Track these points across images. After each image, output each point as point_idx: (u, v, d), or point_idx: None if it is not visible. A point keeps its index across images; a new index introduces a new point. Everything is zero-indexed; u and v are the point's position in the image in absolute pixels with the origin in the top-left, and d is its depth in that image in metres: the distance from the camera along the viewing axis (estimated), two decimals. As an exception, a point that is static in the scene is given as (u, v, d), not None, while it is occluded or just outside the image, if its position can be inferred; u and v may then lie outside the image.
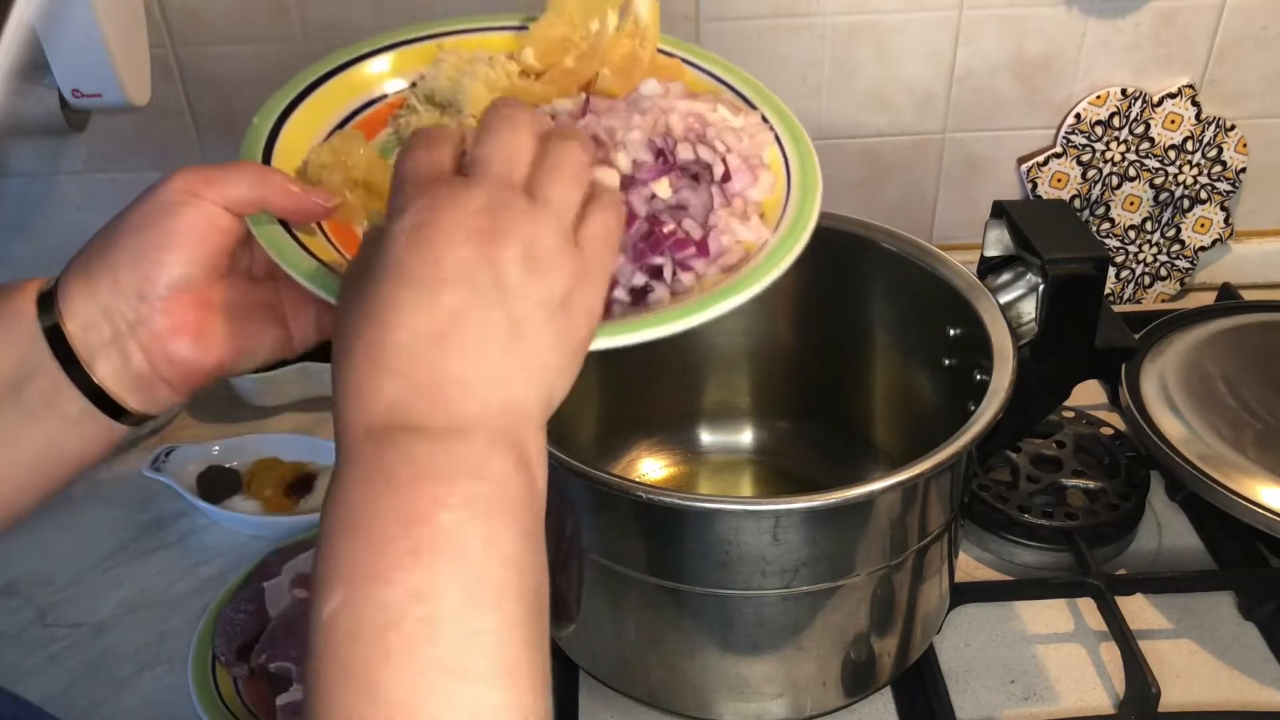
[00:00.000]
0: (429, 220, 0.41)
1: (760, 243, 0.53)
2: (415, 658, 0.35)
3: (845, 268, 0.78)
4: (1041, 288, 0.65)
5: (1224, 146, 1.01)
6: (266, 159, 0.54)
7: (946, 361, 0.73)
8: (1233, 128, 1.01)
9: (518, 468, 0.39)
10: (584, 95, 0.59)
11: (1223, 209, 1.04)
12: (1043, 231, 0.66)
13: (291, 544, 0.78)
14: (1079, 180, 1.02)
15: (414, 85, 0.60)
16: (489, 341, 0.40)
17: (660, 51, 0.62)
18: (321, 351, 0.95)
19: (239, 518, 0.83)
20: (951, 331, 0.71)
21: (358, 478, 0.38)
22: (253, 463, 0.88)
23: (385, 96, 0.60)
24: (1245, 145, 1.01)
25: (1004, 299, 0.68)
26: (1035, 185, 1.02)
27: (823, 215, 0.78)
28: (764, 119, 0.60)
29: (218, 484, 0.86)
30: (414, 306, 0.39)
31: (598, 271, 0.44)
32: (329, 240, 0.52)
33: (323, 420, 0.93)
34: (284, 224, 0.51)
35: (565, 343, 0.42)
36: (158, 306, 0.48)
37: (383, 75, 0.61)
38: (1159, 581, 0.77)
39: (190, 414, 0.95)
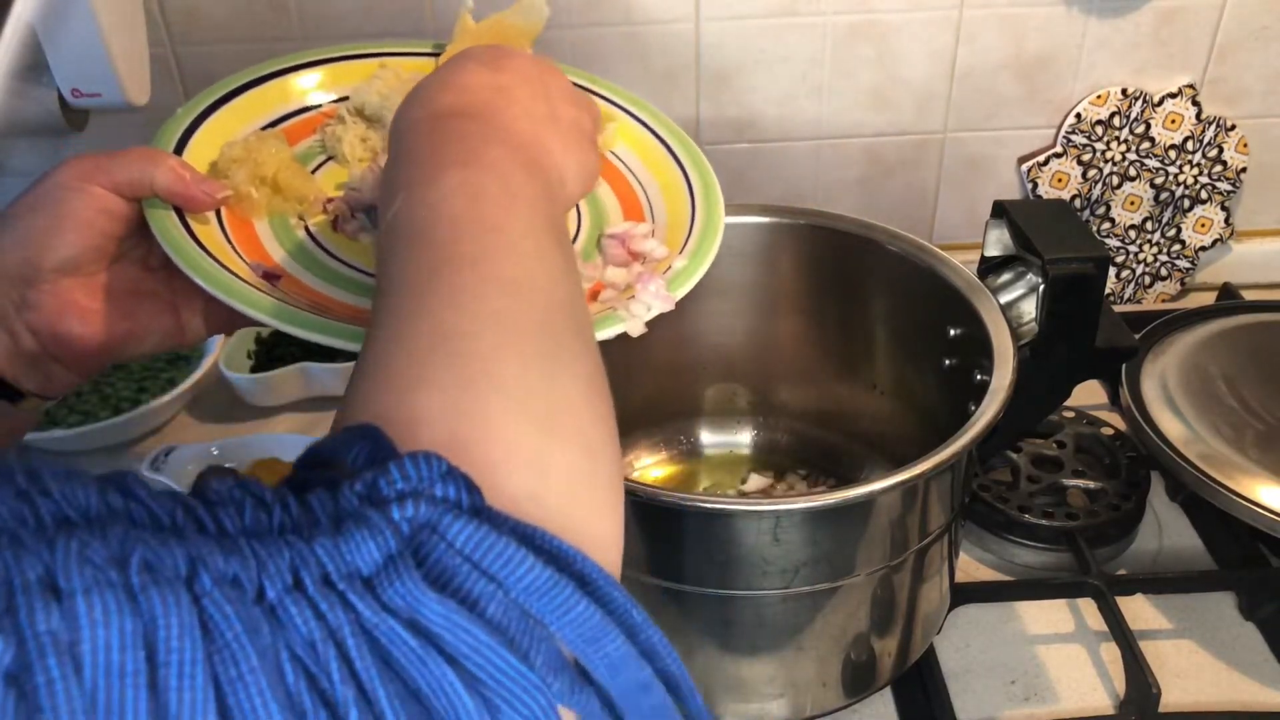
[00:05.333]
0: (496, 51, 0.50)
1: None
2: (470, 220, 0.40)
3: (846, 267, 0.78)
4: (1042, 288, 0.65)
5: (1224, 146, 1.01)
6: (181, 149, 0.56)
7: (947, 361, 0.72)
8: (1233, 127, 1.01)
9: (548, 171, 0.46)
10: None
11: (1223, 209, 1.04)
12: (1043, 231, 0.66)
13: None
14: (1079, 180, 1.02)
15: (346, 99, 0.64)
16: (534, 111, 0.47)
17: None
18: (320, 352, 0.95)
19: (238, 518, 0.83)
20: (952, 331, 0.71)
21: (417, 134, 0.44)
22: (251, 463, 0.87)
23: (318, 106, 0.64)
24: (1246, 145, 1.01)
25: (1004, 299, 0.68)
26: (1036, 185, 1.02)
27: (821, 214, 0.79)
28: (657, 136, 0.67)
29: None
30: (479, 71, 0.48)
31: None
32: (225, 235, 0.54)
33: (321, 420, 0.93)
34: (180, 214, 0.53)
35: (587, 154, 0.50)
36: (44, 288, 0.51)
37: (315, 87, 0.65)
38: (1159, 582, 0.77)
39: (189, 414, 0.95)
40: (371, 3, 0.91)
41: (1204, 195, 1.03)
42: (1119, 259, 1.05)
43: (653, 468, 0.86)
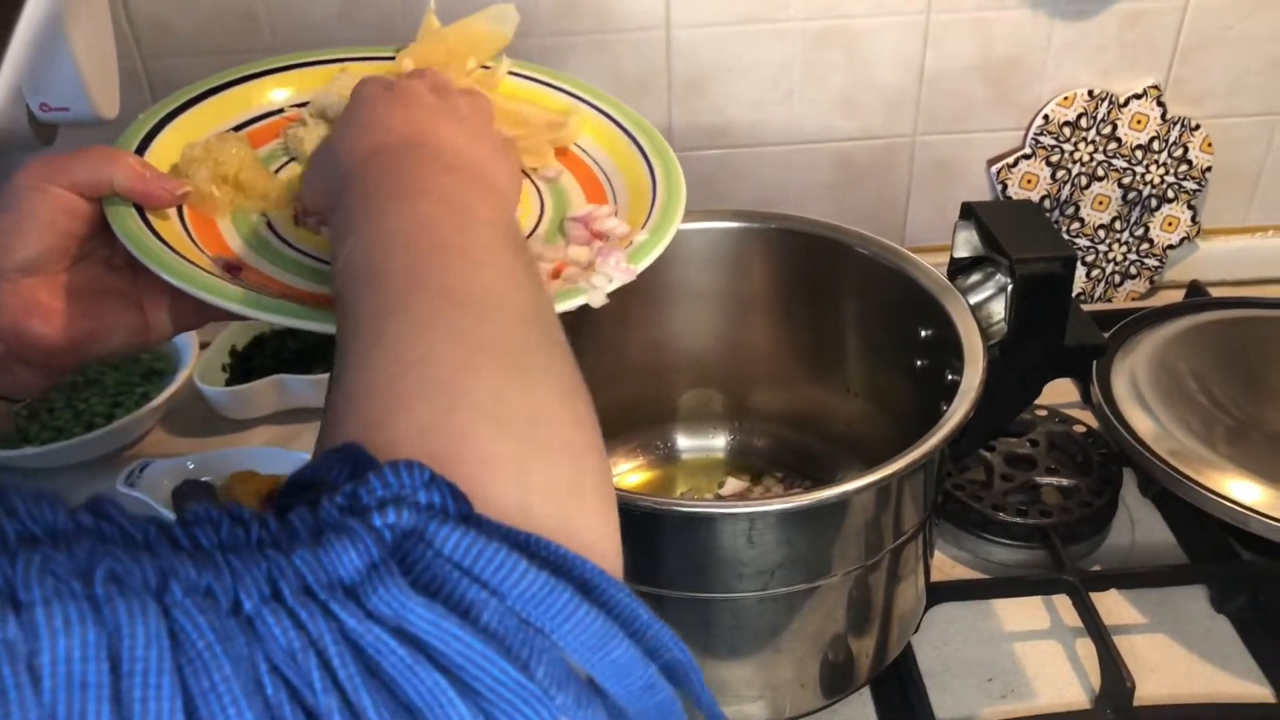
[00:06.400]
0: (393, 81, 0.54)
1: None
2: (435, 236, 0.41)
3: (818, 271, 0.79)
4: (1010, 288, 0.66)
5: (1189, 146, 1.02)
6: (143, 152, 0.58)
7: (919, 362, 0.73)
8: (1198, 127, 1.02)
9: (487, 177, 0.48)
10: None
11: (1189, 207, 1.05)
12: (1010, 232, 0.67)
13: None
14: (1048, 181, 1.03)
15: (307, 103, 0.65)
16: (454, 128, 0.50)
17: (521, 75, 0.71)
18: (297, 363, 0.95)
19: (215, 531, 0.82)
20: (923, 333, 0.71)
21: (353, 178, 0.46)
22: (229, 476, 0.87)
23: (281, 111, 0.66)
24: (1210, 144, 1.03)
25: (974, 299, 0.69)
26: (1005, 186, 1.03)
27: (793, 218, 0.79)
28: (621, 128, 0.68)
29: (193, 498, 0.85)
30: (391, 106, 0.51)
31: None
32: (188, 234, 0.55)
33: (299, 432, 0.93)
34: (141, 213, 0.54)
35: (509, 155, 0.53)
36: (6, 288, 0.51)
37: (278, 92, 0.66)
38: (1133, 577, 0.78)
39: (164, 429, 0.94)
40: (343, 12, 0.92)
41: (1170, 194, 1.04)
42: (1089, 258, 1.07)
43: (630, 474, 0.86)
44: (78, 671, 0.22)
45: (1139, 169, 1.03)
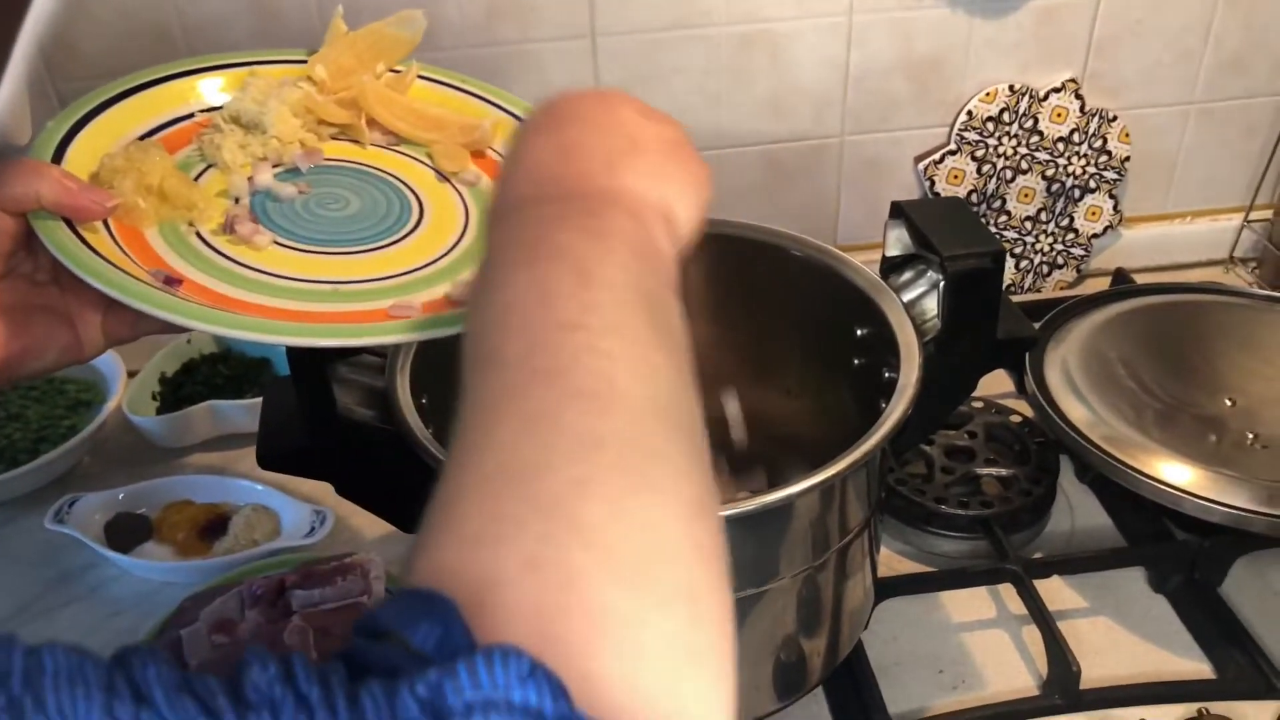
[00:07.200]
0: (553, 106, 0.45)
1: None
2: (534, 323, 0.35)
3: (753, 274, 0.79)
4: (942, 284, 0.67)
5: (1108, 137, 1.05)
6: (58, 161, 0.56)
7: (856, 361, 0.74)
8: (1115, 118, 1.04)
9: (639, 223, 0.41)
10: None
11: (1111, 196, 1.07)
12: (940, 229, 0.67)
13: (208, 589, 0.75)
14: (975, 175, 1.05)
15: (220, 107, 0.64)
16: (609, 152, 0.42)
17: (431, 80, 0.70)
18: (229, 388, 0.93)
19: (150, 565, 0.80)
20: (859, 331, 0.72)
21: (490, 236, 0.41)
22: (163, 507, 0.85)
23: (191, 116, 0.64)
24: (1128, 135, 1.05)
25: (907, 297, 0.70)
26: (933, 183, 1.05)
27: (726, 223, 0.79)
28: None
29: (127, 531, 0.83)
30: (540, 139, 0.43)
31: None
32: (117, 244, 0.54)
33: (234, 459, 0.91)
34: (70, 226, 0.52)
35: (687, 168, 0.45)
36: None
37: (188, 97, 0.65)
38: (1073, 562, 0.79)
39: (94, 460, 0.92)
40: (260, 29, 0.90)
41: (1092, 184, 1.07)
42: (1016, 250, 1.09)
43: (575, 484, 0.86)
44: None
45: (1061, 161, 1.05)
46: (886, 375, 0.66)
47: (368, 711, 0.24)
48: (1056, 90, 1.02)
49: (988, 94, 1.02)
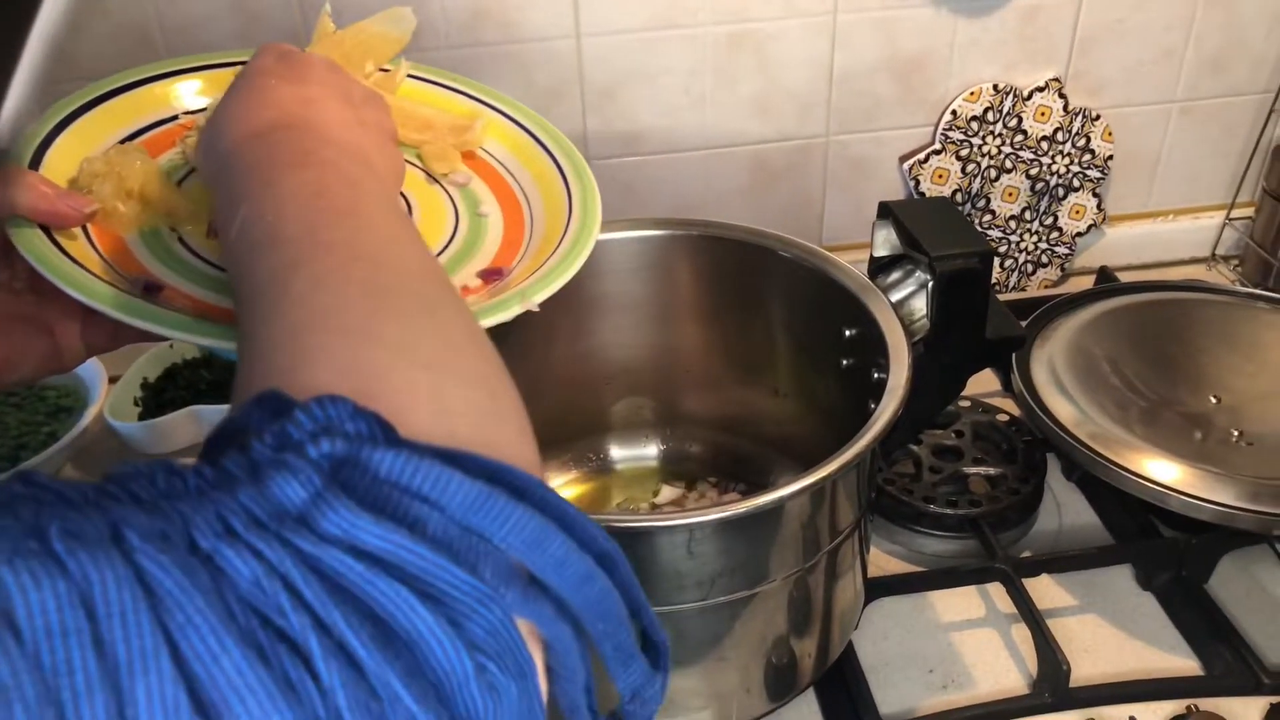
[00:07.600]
0: (288, 60, 0.52)
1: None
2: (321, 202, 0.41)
3: (741, 275, 0.79)
4: (931, 284, 0.67)
5: (1091, 136, 1.05)
6: (36, 167, 0.55)
7: (845, 362, 0.74)
8: (1098, 117, 1.05)
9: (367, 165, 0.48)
10: None
11: (1094, 195, 1.08)
12: (928, 229, 0.67)
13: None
14: (959, 175, 1.05)
15: (204, 109, 0.63)
16: (344, 117, 0.50)
17: (421, 79, 0.70)
18: (212, 394, 0.92)
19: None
20: (847, 332, 0.72)
21: (243, 152, 0.45)
22: (146, 514, 0.84)
23: (175, 118, 0.63)
24: (1110, 133, 1.06)
25: (895, 297, 0.70)
26: (918, 182, 1.05)
27: (713, 224, 0.79)
28: (534, 137, 0.68)
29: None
30: (282, 85, 0.49)
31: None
32: (96, 251, 0.53)
33: (218, 464, 0.90)
34: (47, 232, 0.51)
35: (394, 154, 0.53)
36: None
37: (172, 99, 0.64)
38: (1062, 561, 0.79)
39: (75, 468, 0.91)
40: (241, 32, 0.89)
41: (1076, 183, 1.07)
42: (1001, 249, 1.09)
43: (564, 487, 0.85)
44: (55, 620, 0.22)
45: (1045, 160, 1.05)
46: (875, 376, 0.66)
47: (230, 468, 0.28)
48: (1040, 89, 1.03)
49: (972, 93, 1.02)
